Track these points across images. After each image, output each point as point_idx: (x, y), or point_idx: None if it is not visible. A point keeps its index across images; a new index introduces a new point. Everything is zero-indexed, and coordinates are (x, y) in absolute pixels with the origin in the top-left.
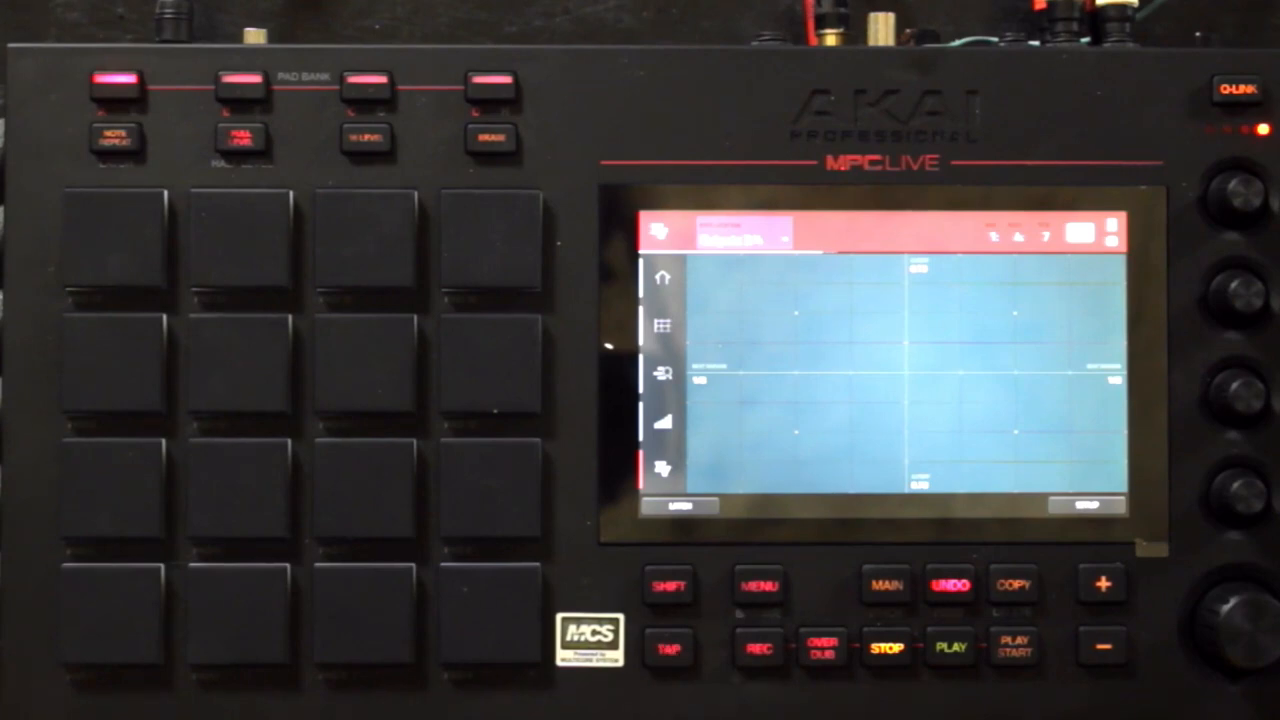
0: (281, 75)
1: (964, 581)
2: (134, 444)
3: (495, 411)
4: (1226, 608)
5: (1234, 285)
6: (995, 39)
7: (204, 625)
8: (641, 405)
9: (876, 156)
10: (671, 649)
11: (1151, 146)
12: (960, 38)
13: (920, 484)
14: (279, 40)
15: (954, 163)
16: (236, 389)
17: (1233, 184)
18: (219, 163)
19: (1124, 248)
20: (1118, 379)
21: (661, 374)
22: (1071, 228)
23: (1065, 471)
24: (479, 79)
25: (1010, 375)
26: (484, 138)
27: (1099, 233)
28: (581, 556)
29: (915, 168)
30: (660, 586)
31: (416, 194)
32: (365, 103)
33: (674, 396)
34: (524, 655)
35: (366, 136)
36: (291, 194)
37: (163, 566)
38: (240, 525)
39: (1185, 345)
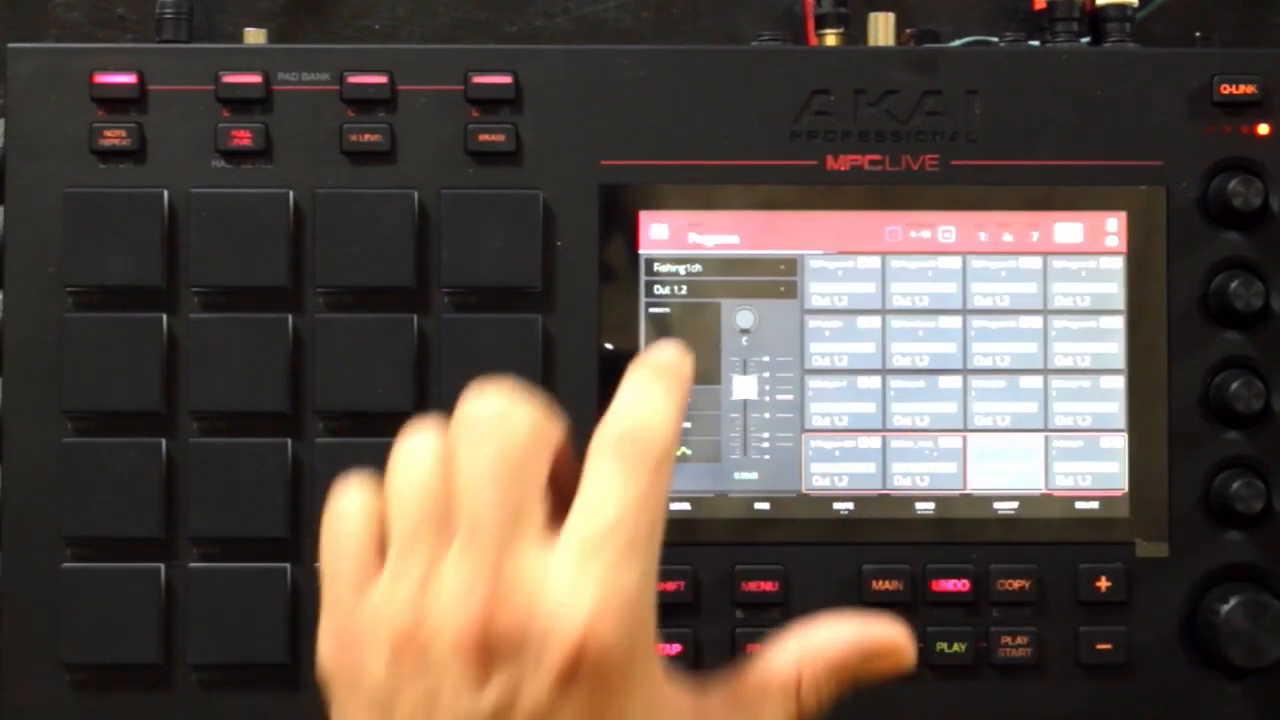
0: (281, 75)
1: (964, 581)
2: (134, 444)
3: None
4: (1226, 608)
5: (1234, 285)
6: (995, 39)
7: (204, 625)
8: None
9: (876, 156)
10: (671, 649)
11: (1151, 146)
12: (960, 38)
13: (921, 484)
14: (279, 40)
15: (954, 162)
16: (236, 389)
17: (1233, 184)
18: (219, 163)
19: (1124, 248)
20: (1118, 379)
21: None
22: (1071, 227)
23: (1065, 471)
24: (479, 79)
25: (1009, 374)
26: (484, 138)
27: (1099, 233)
28: None
29: (915, 168)
30: (660, 586)
31: (416, 194)
32: (365, 103)
33: None
34: None
35: (366, 136)
36: (291, 194)
37: (163, 566)
38: (240, 525)
39: (1185, 345)
